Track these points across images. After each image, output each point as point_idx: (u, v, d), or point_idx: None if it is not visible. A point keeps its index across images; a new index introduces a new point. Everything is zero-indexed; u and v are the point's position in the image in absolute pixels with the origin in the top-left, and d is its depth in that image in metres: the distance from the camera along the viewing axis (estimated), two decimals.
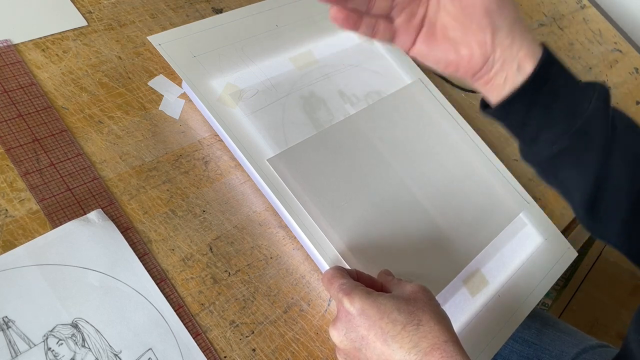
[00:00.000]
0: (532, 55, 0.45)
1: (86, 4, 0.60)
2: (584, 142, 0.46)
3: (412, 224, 0.59)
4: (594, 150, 0.47)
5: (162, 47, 0.57)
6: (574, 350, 0.75)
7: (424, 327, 0.43)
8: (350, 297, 0.45)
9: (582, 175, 0.48)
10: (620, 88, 1.05)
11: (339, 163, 0.59)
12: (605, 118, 0.46)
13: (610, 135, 0.46)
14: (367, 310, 0.44)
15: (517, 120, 0.48)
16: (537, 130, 0.47)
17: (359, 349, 0.45)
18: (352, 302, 0.45)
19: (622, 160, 0.47)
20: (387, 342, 0.43)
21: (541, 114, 0.46)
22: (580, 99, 0.46)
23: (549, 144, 0.47)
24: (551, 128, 0.47)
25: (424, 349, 0.42)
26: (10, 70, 0.52)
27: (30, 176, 0.48)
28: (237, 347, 0.48)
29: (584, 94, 0.46)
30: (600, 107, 0.46)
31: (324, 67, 0.67)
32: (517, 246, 0.66)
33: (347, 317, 0.45)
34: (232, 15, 0.64)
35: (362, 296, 0.45)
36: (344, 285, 0.46)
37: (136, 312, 0.45)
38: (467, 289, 0.60)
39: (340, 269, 0.49)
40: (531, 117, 0.47)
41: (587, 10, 1.15)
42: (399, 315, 0.43)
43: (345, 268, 0.50)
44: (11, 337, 0.41)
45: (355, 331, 0.45)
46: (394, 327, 0.43)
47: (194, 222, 0.53)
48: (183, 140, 0.57)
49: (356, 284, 0.47)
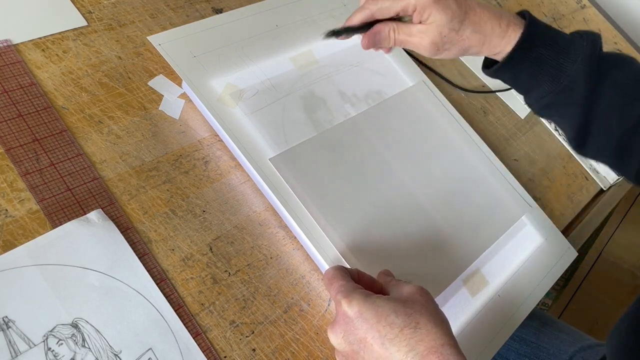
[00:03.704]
0: (510, 36, 0.55)
1: (86, 4, 0.60)
2: (567, 99, 0.55)
3: (413, 224, 0.60)
4: (576, 105, 0.55)
5: (162, 47, 0.57)
6: (572, 349, 0.75)
7: (421, 330, 0.43)
8: (349, 300, 0.45)
9: (569, 121, 0.57)
10: None
11: (341, 163, 0.59)
12: (587, 75, 0.54)
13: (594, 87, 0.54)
14: (364, 313, 0.44)
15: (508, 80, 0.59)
16: (527, 88, 0.58)
17: (357, 351, 0.45)
18: (350, 304, 0.44)
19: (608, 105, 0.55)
20: (384, 345, 0.43)
21: (528, 76, 0.56)
22: (565, 61, 0.55)
23: (537, 100, 0.57)
24: (537, 89, 0.56)
25: (421, 352, 0.42)
26: (10, 70, 0.52)
27: (30, 176, 0.48)
28: (237, 347, 0.49)
29: (568, 55, 0.55)
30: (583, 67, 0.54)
31: (324, 67, 0.67)
32: (517, 246, 0.66)
33: (345, 319, 0.45)
34: (232, 15, 0.64)
35: (360, 299, 0.45)
36: (343, 287, 0.46)
37: (136, 312, 0.45)
38: (467, 289, 0.60)
39: (341, 269, 0.49)
40: (519, 80, 0.57)
41: (587, 10, 1.15)
42: (396, 318, 0.43)
43: (347, 268, 0.50)
44: (11, 337, 0.41)
45: (353, 334, 0.44)
46: (392, 330, 0.43)
47: (194, 222, 0.53)
48: (183, 140, 0.57)
49: (355, 286, 0.47)
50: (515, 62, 0.56)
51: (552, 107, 0.57)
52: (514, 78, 0.58)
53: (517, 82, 0.58)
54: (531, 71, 0.56)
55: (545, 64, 0.55)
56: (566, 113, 0.56)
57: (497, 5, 0.99)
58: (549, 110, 0.58)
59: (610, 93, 0.54)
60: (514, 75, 0.57)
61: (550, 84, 0.55)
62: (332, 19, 0.71)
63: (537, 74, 0.55)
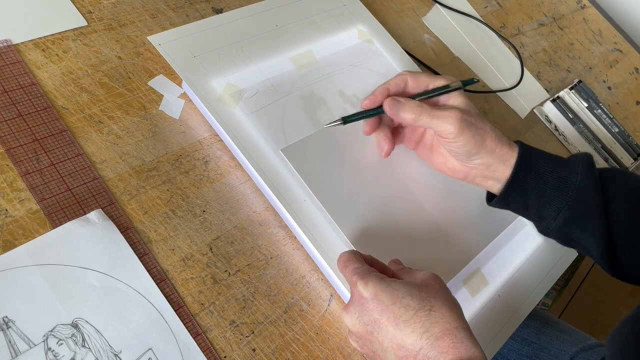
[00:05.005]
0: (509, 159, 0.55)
1: (86, 4, 0.60)
2: (582, 209, 0.53)
3: (412, 221, 0.60)
4: (593, 212, 0.53)
5: (162, 47, 0.57)
6: (573, 349, 0.75)
7: (435, 313, 0.44)
8: (365, 282, 0.46)
9: (592, 236, 0.54)
10: (620, 88, 1.05)
11: (345, 159, 0.60)
12: (594, 182, 0.53)
13: (604, 194, 0.53)
14: (380, 294, 0.45)
15: (519, 206, 0.57)
16: (539, 210, 0.55)
17: (371, 332, 0.46)
18: (366, 286, 0.46)
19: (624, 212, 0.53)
20: (399, 326, 0.44)
21: (536, 196, 0.55)
22: (567, 173, 0.54)
23: (552, 218, 0.55)
24: (549, 205, 0.54)
25: (436, 334, 0.43)
26: (10, 70, 0.52)
27: (30, 176, 0.48)
28: (237, 347, 0.48)
29: (569, 168, 0.54)
30: (587, 175, 0.53)
31: (324, 67, 0.67)
32: (517, 246, 0.66)
33: (360, 301, 0.46)
34: (232, 15, 0.64)
35: (376, 281, 0.46)
36: (359, 270, 0.47)
37: (136, 312, 0.45)
38: (467, 289, 0.60)
39: (356, 253, 0.50)
40: (529, 202, 0.56)
41: (587, 10, 1.15)
42: (411, 301, 0.44)
43: (360, 253, 0.50)
44: (11, 337, 0.41)
45: (368, 315, 0.45)
46: (407, 312, 0.44)
47: (194, 222, 0.53)
48: (183, 140, 0.57)
49: (370, 269, 0.48)
50: (519, 181, 0.55)
51: (570, 222, 0.54)
52: (524, 201, 0.56)
53: (527, 205, 0.56)
54: (537, 189, 0.54)
55: (549, 178, 0.54)
56: (586, 225, 0.54)
57: (497, 5, 0.99)
58: (569, 228, 0.55)
59: (623, 199, 0.53)
60: (523, 197, 0.55)
61: (560, 198, 0.54)
62: (332, 19, 0.71)
63: (544, 191, 0.54)
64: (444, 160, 0.59)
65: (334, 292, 0.55)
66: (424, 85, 0.57)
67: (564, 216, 0.54)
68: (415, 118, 0.54)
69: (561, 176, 0.54)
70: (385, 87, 0.57)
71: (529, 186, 0.55)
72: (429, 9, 0.89)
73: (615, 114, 0.98)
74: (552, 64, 0.98)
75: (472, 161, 0.56)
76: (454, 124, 0.53)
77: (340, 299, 0.55)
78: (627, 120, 1.00)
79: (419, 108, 0.54)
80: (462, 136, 0.53)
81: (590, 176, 0.54)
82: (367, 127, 0.59)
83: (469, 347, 0.43)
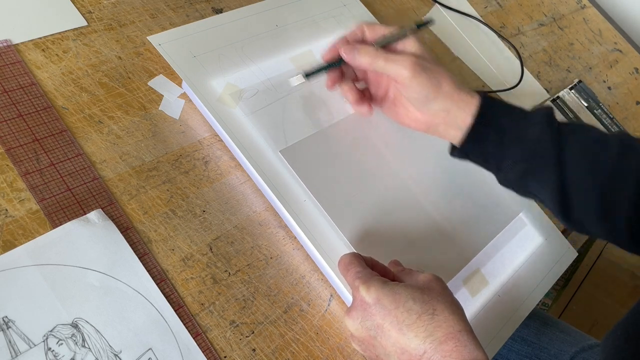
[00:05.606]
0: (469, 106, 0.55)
1: (86, 4, 0.60)
2: (538, 161, 0.54)
3: (411, 222, 0.60)
4: (549, 165, 0.53)
5: (162, 47, 0.57)
6: (573, 350, 0.75)
7: (438, 317, 0.44)
8: (367, 286, 0.46)
9: (547, 188, 0.55)
10: (620, 88, 1.05)
11: (344, 159, 0.60)
12: (551, 135, 0.54)
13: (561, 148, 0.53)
14: (382, 299, 0.45)
15: (478, 157, 0.58)
16: (497, 162, 0.56)
17: (374, 337, 0.46)
18: (369, 291, 0.45)
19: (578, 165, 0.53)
20: (402, 330, 0.44)
21: (495, 148, 0.55)
22: (526, 126, 0.55)
23: (510, 169, 0.56)
24: (507, 157, 0.55)
25: (439, 337, 0.43)
26: (10, 70, 0.52)
27: (30, 176, 0.48)
28: (237, 347, 0.48)
29: (528, 121, 0.55)
30: (545, 128, 0.54)
31: None
32: (517, 246, 0.66)
33: (363, 305, 0.46)
34: (232, 15, 0.64)
35: (378, 285, 0.46)
36: (361, 274, 0.47)
37: (136, 312, 0.45)
38: (467, 290, 0.60)
39: (357, 256, 0.50)
40: (488, 152, 0.56)
41: (587, 10, 1.15)
42: (414, 305, 0.44)
43: (361, 255, 0.50)
44: (11, 337, 0.41)
45: (371, 319, 0.45)
46: (409, 316, 0.44)
47: (194, 222, 0.53)
48: (183, 140, 0.57)
49: (372, 272, 0.48)
50: (479, 133, 0.55)
51: (527, 174, 0.55)
52: (482, 152, 0.57)
53: (487, 157, 0.57)
54: (497, 142, 0.55)
55: (508, 130, 0.55)
56: (542, 177, 0.54)
57: (497, 5, 0.99)
58: (526, 180, 0.55)
59: (578, 154, 0.54)
60: (482, 148, 0.56)
61: (518, 150, 0.55)
62: (332, 19, 0.71)
63: (503, 143, 0.55)
64: (406, 111, 0.59)
65: (334, 292, 0.55)
66: (380, 33, 0.58)
67: (521, 168, 0.55)
68: (371, 62, 0.55)
69: (520, 128, 0.55)
70: (344, 38, 0.58)
71: (489, 138, 0.55)
72: (429, 9, 0.89)
73: (615, 114, 0.98)
74: (552, 64, 0.98)
75: (431, 107, 0.56)
76: (408, 67, 0.54)
77: (340, 299, 0.55)
78: (627, 120, 1.00)
79: (374, 51, 0.55)
80: (417, 79, 0.54)
81: (548, 129, 0.54)
82: (329, 80, 0.59)
83: (472, 351, 0.42)
